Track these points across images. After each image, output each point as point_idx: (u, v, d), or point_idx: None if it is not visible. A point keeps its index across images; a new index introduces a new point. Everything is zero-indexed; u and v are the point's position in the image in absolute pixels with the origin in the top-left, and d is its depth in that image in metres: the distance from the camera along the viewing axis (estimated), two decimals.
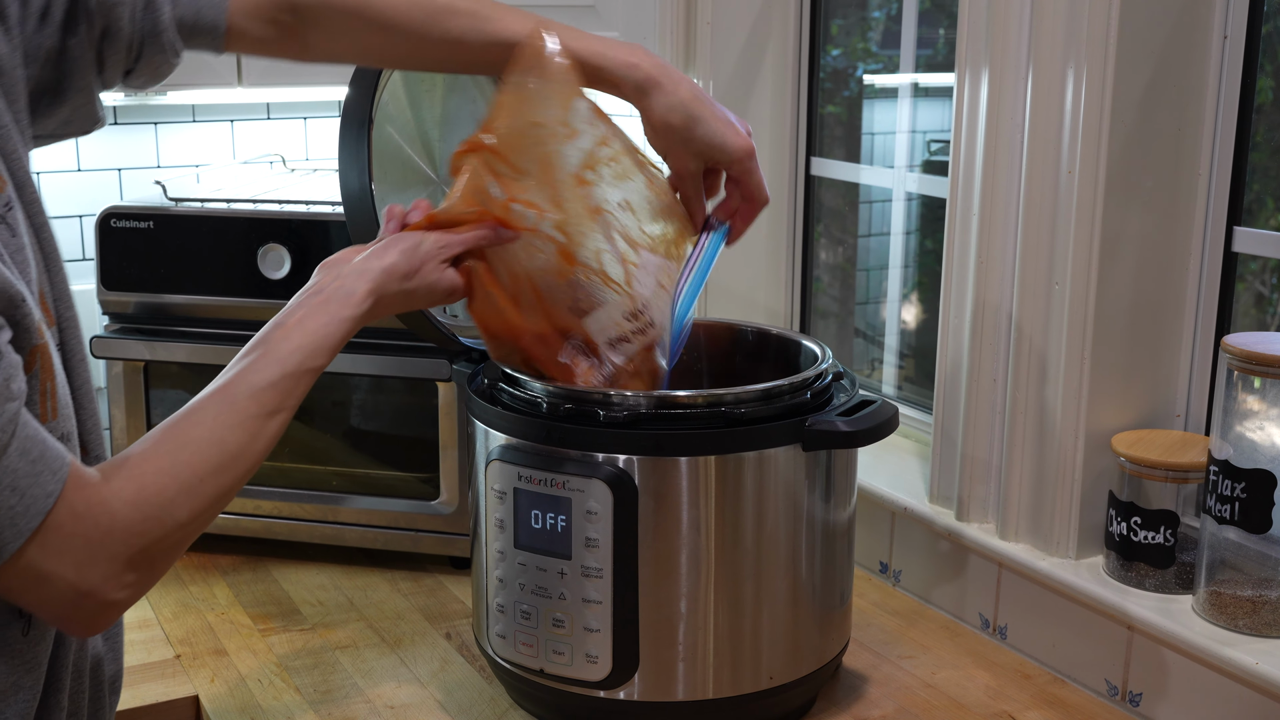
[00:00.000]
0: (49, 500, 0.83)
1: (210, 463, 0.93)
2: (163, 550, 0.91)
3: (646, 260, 1.25)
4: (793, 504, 1.30)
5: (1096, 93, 1.39)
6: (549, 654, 1.29)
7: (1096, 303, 1.43)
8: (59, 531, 0.84)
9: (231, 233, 1.71)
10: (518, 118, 1.18)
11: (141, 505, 0.89)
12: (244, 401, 0.97)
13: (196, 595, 1.68)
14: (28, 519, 0.83)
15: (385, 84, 1.41)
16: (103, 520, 0.87)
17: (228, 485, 0.94)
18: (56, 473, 0.84)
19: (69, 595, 0.87)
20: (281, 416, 0.99)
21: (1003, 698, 1.44)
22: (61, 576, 0.86)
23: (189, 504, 0.91)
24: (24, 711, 0.92)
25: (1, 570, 0.84)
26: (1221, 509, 1.32)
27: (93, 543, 0.86)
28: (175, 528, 0.91)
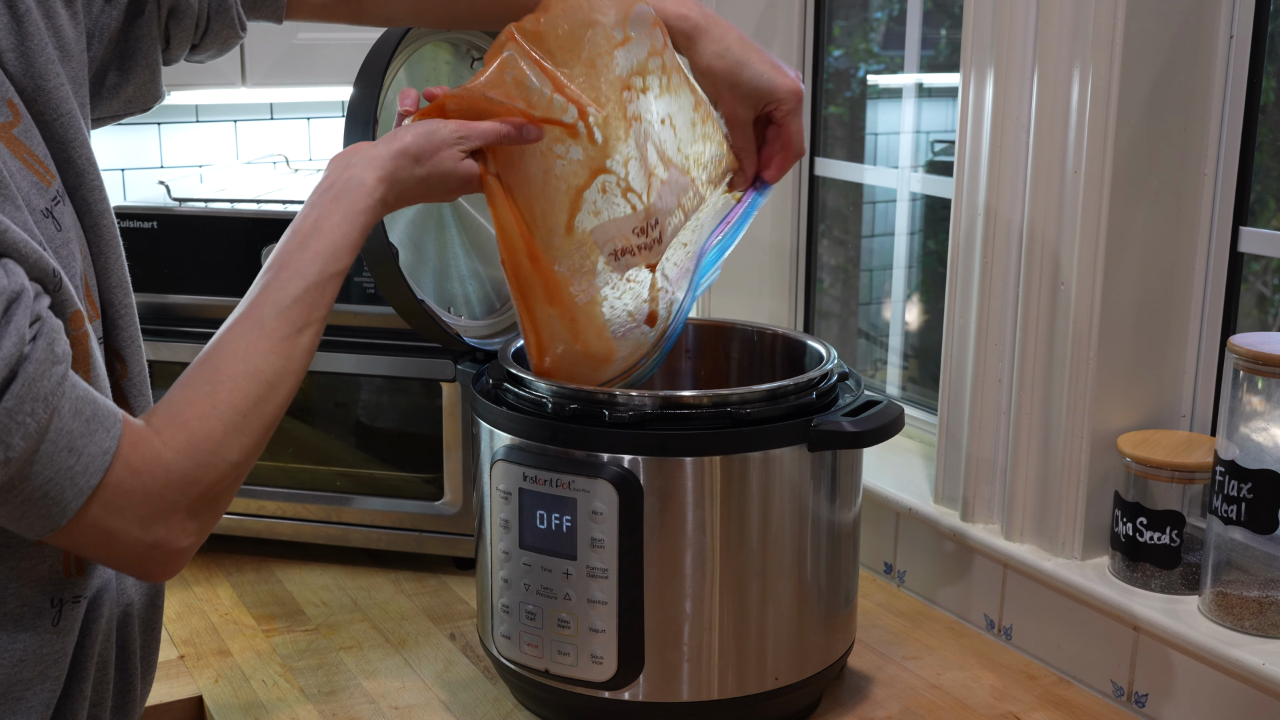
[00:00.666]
0: (106, 458, 0.85)
1: (250, 396, 0.93)
2: (221, 490, 0.92)
3: (674, 178, 1.23)
4: (798, 504, 1.30)
5: (1102, 92, 1.38)
6: (554, 654, 1.29)
7: (1102, 303, 1.43)
8: (119, 488, 0.86)
9: (235, 233, 1.71)
10: (574, 11, 1.14)
11: (193, 453, 0.90)
12: (271, 324, 0.95)
13: (200, 596, 1.68)
14: (87, 477, 0.84)
15: (390, 83, 1.41)
16: (159, 473, 0.88)
17: (271, 413, 0.94)
18: (110, 430, 0.85)
19: (138, 548, 0.88)
20: (312, 330, 0.97)
21: (1008, 699, 1.44)
22: (127, 531, 0.87)
23: (238, 442, 0.92)
24: (46, 701, 0.92)
25: (69, 529, 0.85)
26: (1227, 510, 1.32)
27: (153, 495, 0.87)
28: (229, 468, 0.91)
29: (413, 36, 1.40)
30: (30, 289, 0.82)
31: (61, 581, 0.93)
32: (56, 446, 0.82)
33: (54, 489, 0.83)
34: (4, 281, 0.80)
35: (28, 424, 0.80)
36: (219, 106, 2.09)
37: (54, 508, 0.83)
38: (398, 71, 1.45)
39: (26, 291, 0.81)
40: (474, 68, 1.54)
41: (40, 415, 0.81)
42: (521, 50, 1.12)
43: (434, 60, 1.51)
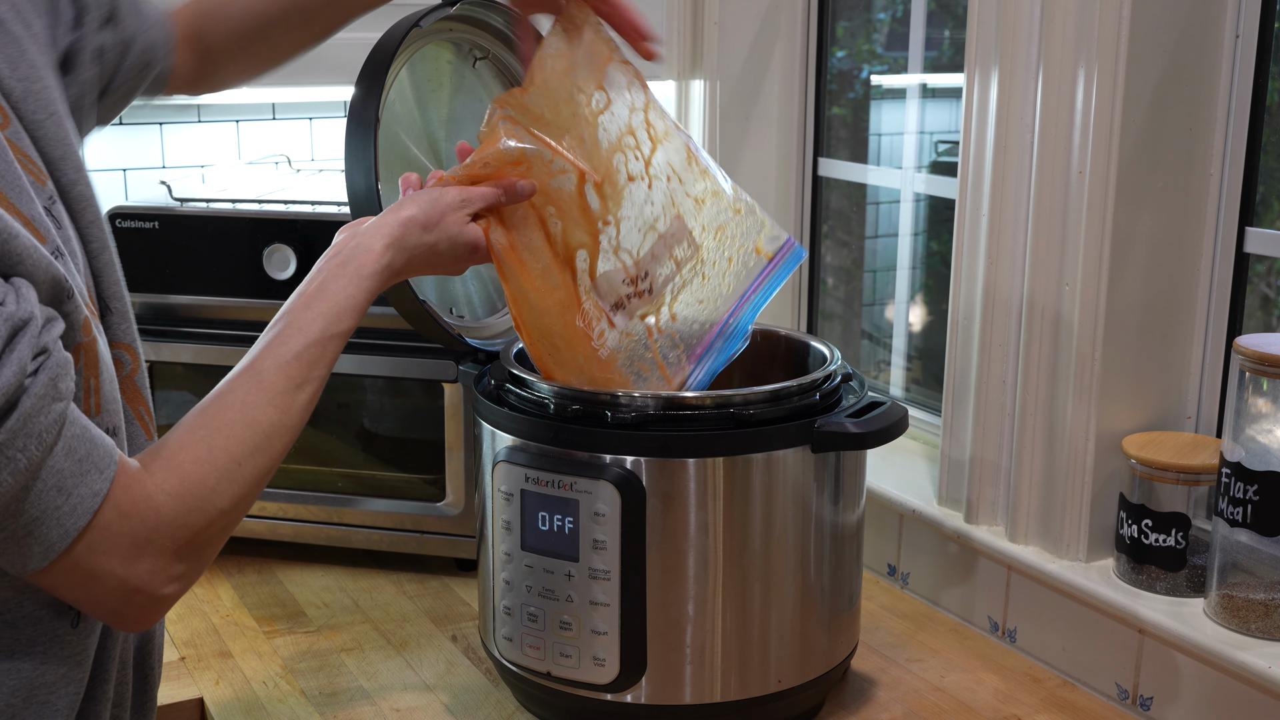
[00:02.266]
0: (96, 500, 0.83)
1: (246, 445, 0.92)
2: (208, 538, 0.90)
3: (673, 229, 1.26)
4: (801, 506, 1.29)
5: (1107, 92, 1.38)
6: (556, 657, 1.28)
7: (1107, 304, 1.42)
8: (106, 530, 0.84)
9: (237, 233, 1.70)
10: (555, 85, 1.18)
11: (184, 497, 0.88)
12: (271, 377, 0.95)
13: (201, 597, 1.67)
14: (74, 519, 0.82)
15: (392, 83, 1.41)
16: (149, 516, 0.86)
17: (265, 465, 0.93)
18: (104, 471, 0.84)
19: (119, 592, 0.86)
20: (311, 388, 0.97)
21: (1012, 701, 1.43)
22: (110, 573, 0.85)
23: (230, 490, 0.90)
24: (71, 703, 0.92)
25: (50, 569, 0.83)
26: (1233, 511, 1.32)
27: (139, 539, 0.86)
28: (218, 515, 0.90)
29: (414, 36, 1.40)
30: (39, 317, 0.80)
31: None
32: (46, 485, 0.80)
33: (39, 528, 0.81)
34: (12, 307, 0.78)
35: (18, 460, 0.78)
36: (221, 106, 2.08)
37: (37, 546, 0.82)
38: (399, 71, 1.45)
39: (34, 320, 0.79)
40: (476, 68, 1.53)
41: (33, 452, 0.79)
42: (512, 121, 1.16)
43: (436, 60, 1.51)
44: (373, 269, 1.04)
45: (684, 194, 1.27)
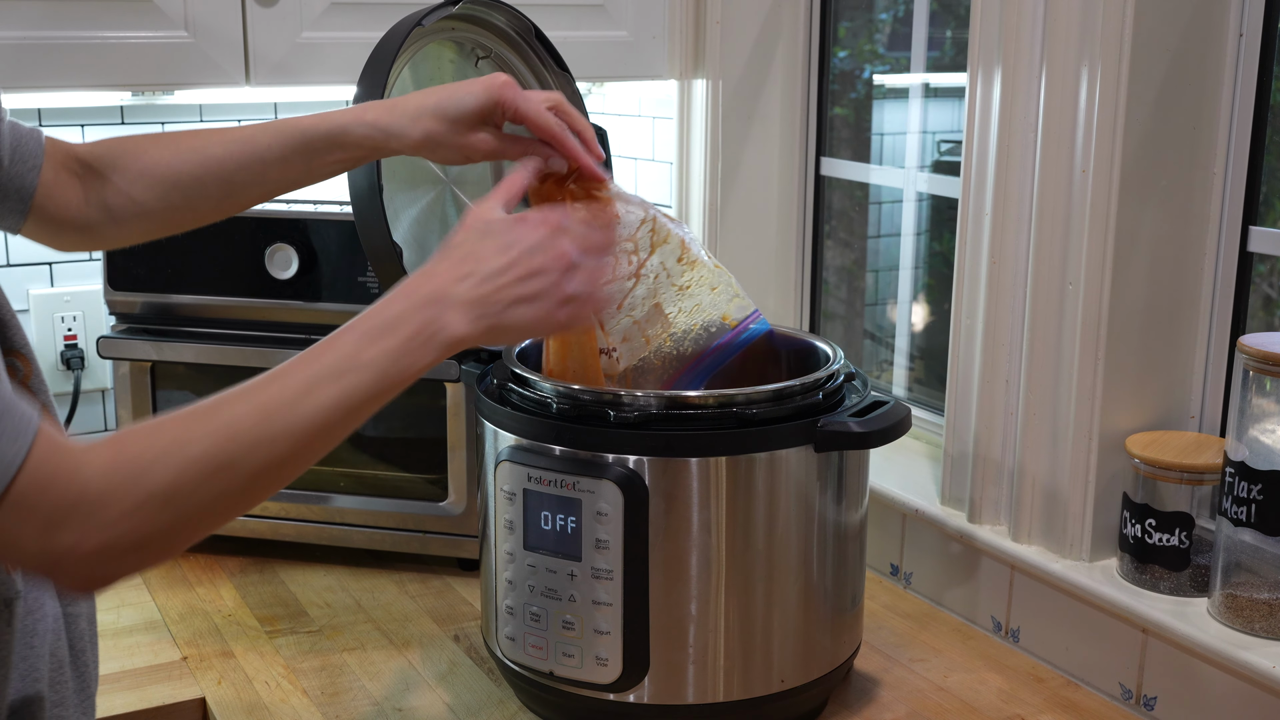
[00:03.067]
0: (9, 469, 0.78)
1: (201, 435, 0.85)
2: (145, 524, 0.82)
3: (647, 315, 1.34)
4: (804, 505, 1.29)
5: (1111, 91, 1.38)
6: (558, 656, 1.28)
7: (1110, 303, 1.42)
8: (21, 502, 0.79)
9: (239, 232, 1.70)
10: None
11: (113, 473, 0.82)
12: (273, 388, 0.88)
13: (203, 597, 1.67)
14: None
15: (394, 83, 1.40)
16: (71, 489, 0.81)
17: (221, 471, 0.85)
18: (17, 440, 0.79)
19: (41, 561, 0.82)
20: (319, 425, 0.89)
21: (1015, 701, 1.43)
22: (26, 543, 0.80)
23: (165, 473, 0.83)
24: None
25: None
26: (1237, 511, 1.31)
27: (58, 512, 0.80)
28: (148, 498, 0.82)
29: (417, 35, 1.40)
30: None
31: (5, 578, 0.91)
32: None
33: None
34: None
35: None
36: (223, 106, 2.08)
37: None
38: (402, 70, 1.45)
39: None
40: (478, 67, 1.53)
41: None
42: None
43: (438, 59, 1.51)
44: (429, 361, 0.95)
45: (669, 284, 1.34)
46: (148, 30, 1.61)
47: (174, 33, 1.62)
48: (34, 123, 1.95)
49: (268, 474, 0.87)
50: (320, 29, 1.70)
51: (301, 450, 0.89)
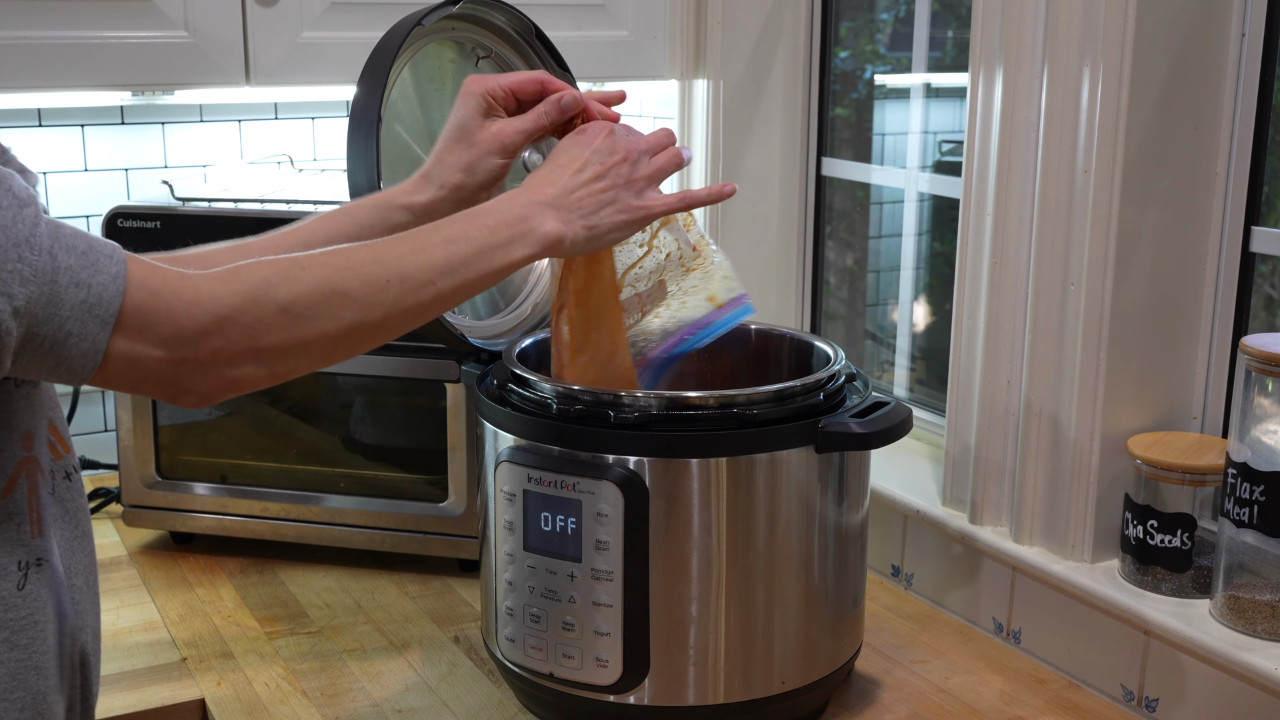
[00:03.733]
0: (118, 282, 0.85)
1: (319, 260, 0.93)
2: (267, 332, 0.90)
3: (651, 291, 1.37)
4: (805, 506, 1.29)
5: (1113, 91, 1.37)
6: (558, 658, 1.28)
7: (1112, 303, 1.41)
8: (139, 311, 0.85)
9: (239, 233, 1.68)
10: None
11: (231, 280, 0.89)
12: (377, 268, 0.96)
13: (203, 598, 1.67)
14: (104, 305, 0.84)
15: (394, 82, 1.40)
16: (185, 292, 0.87)
17: (334, 302, 0.93)
18: (112, 256, 0.85)
19: (163, 371, 0.88)
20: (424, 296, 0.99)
21: (1017, 703, 1.42)
22: (148, 355, 0.87)
23: (287, 286, 0.90)
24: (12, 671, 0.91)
25: (102, 364, 0.85)
26: (1239, 512, 1.31)
27: (177, 314, 0.86)
28: (275, 309, 0.90)
29: (417, 35, 1.39)
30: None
31: (28, 543, 0.92)
32: (58, 285, 0.82)
33: (74, 325, 0.83)
34: None
35: (21, 270, 0.80)
36: (223, 106, 2.08)
37: (83, 343, 0.84)
38: (402, 70, 1.44)
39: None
40: (479, 66, 1.53)
41: (30, 259, 0.81)
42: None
43: (438, 59, 1.51)
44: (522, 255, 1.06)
45: (678, 265, 1.37)
46: (148, 30, 1.61)
47: (174, 33, 1.62)
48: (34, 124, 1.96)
49: (375, 312, 0.95)
50: (320, 29, 1.70)
51: (406, 297, 0.97)
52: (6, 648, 0.90)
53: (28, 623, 0.91)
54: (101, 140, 2.01)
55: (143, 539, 1.84)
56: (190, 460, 1.77)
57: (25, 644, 0.91)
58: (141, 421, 1.75)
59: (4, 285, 0.80)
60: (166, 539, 1.83)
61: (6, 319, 0.81)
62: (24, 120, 1.95)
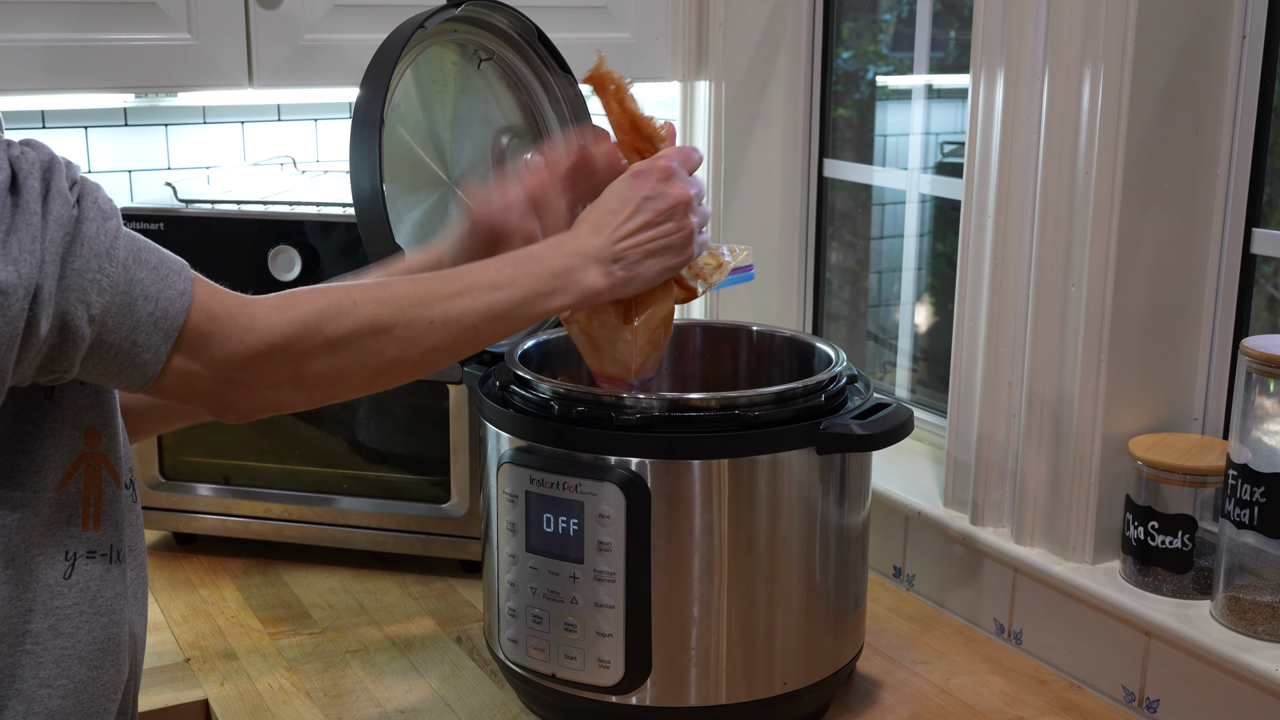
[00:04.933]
0: (184, 299, 0.89)
1: (369, 295, 0.97)
2: (312, 362, 0.94)
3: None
4: (807, 508, 1.29)
5: (1114, 93, 1.37)
6: (561, 658, 1.28)
7: (1113, 305, 1.42)
8: (197, 331, 0.90)
9: (242, 234, 1.70)
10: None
11: (285, 310, 0.93)
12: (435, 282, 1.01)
13: (206, 599, 1.67)
14: (169, 320, 0.89)
15: (397, 84, 1.41)
16: (242, 319, 0.92)
17: (380, 340, 0.97)
18: (181, 273, 0.90)
19: (211, 386, 0.92)
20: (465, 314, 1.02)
21: (1018, 704, 1.43)
22: (200, 371, 0.91)
23: (337, 321, 0.95)
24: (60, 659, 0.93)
25: (159, 376, 0.90)
26: (1240, 513, 1.31)
27: (231, 338, 0.91)
28: (323, 342, 0.94)
29: (420, 37, 1.40)
30: (60, 159, 0.86)
31: (80, 535, 0.94)
32: (131, 296, 0.87)
33: (141, 336, 0.88)
34: (33, 154, 0.85)
35: (100, 280, 0.85)
36: (226, 108, 2.08)
37: (146, 354, 0.88)
38: (404, 72, 1.45)
39: (57, 159, 0.86)
40: (481, 69, 1.53)
41: (109, 269, 0.85)
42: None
43: (441, 61, 1.51)
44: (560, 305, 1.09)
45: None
46: (151, 33, 1.61)
47: (177, 35, 1.63)
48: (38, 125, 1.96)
49: (415, 351, 1.00)
50: (323, 31, 1.70)
51: (446, 339, 1.01)
52: (52, 634, 0.93)
53: (73, 612, 0.94)
54: (105, 142, 2.01)
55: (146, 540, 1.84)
56: (193, 461, 1.77)
57: (70, 633, 0.94)
58: None
59: (83, 294, 0.84)
60: (170, 540, 1.84)
61: (83, 325, 0.85)
62: (28, 122, 1.95)
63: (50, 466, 0.92)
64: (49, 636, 0.92)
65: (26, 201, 0.83)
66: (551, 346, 1.49)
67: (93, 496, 0.95)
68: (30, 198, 0.83)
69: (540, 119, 1.58)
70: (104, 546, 0.96)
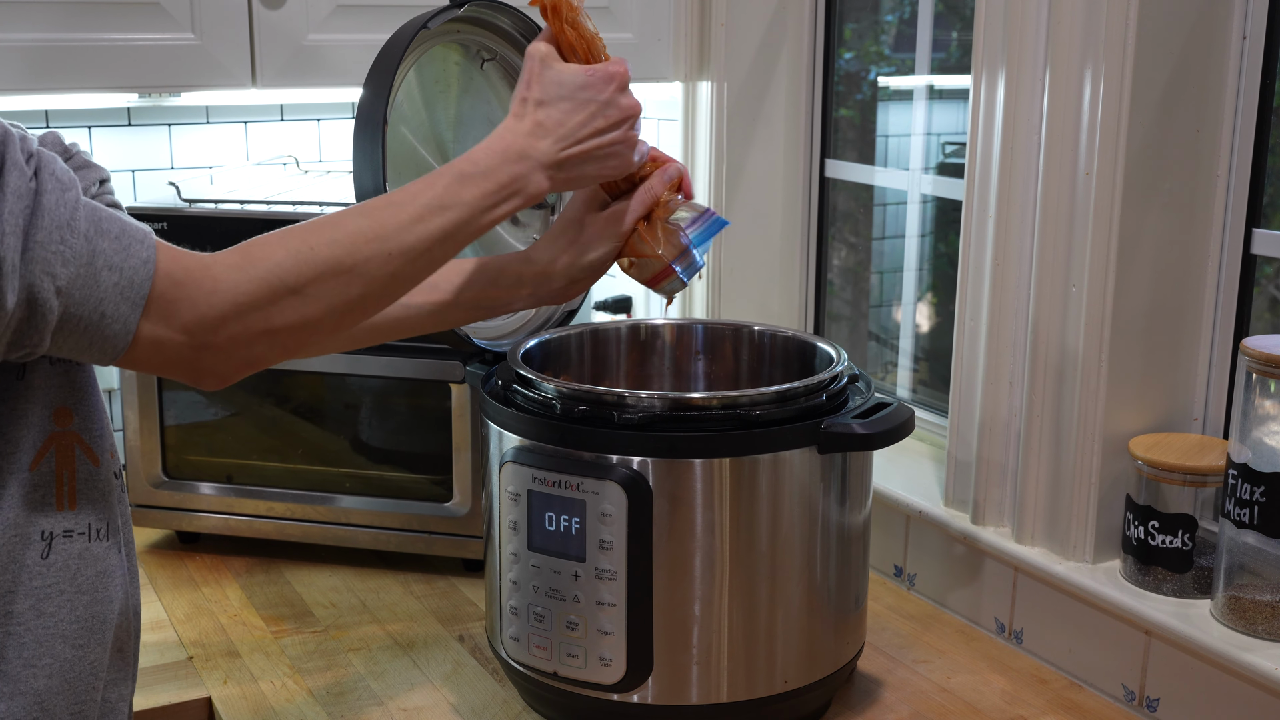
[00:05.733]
0: (148, 267, 0.88)
1: (324, 236, 0.96)
2: (280, 314, 0.93)
3: None
4: (808, 507, 1.29)
5: (1115, 94, 1.38)
6: (562, 657, 1.29)
7: (1114, 305, 1.42)
8: (163, 298, 0.89)
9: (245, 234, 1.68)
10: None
11: (245, 267, 0.92)
12: (378, 205, 1.00)
13: (209, 597, 1.68)
14: (135, 288, 0.87)
15: (400, 84, 1.41)
16: (205, 282, 0.90)
17: (343, 281, 0.95)
18: (143, 240, 0.89)
19: (184, 353, 0.91)
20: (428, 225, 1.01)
21: (1019, 702, 1.43)
22: (170, 339, 0.90)
23: (298, 269, 0.93)
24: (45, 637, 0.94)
25: (131, 346, 0.89)
26: (1240, 513, 1.31)
27: (198, 303, 0.90)
28: (284, 290, 0.93)
29: (422, 38, 1.40)
30: (15, 131, 0.85)
31: (54, 515, 0.94)
32: (95, 267, 0.86)
33: (109, 306, 0.87)
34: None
35: (63, 251, 0.84)
36: (229, 108, 2.09)
37: (115, 324, 0.87)
38: (407, 73, 1.45)
39: (11, 134, 0.85)
40: (484, 69, 1.54)
41: (71, 241, 0.85)
42: None
43: (444, 61, 1.51)
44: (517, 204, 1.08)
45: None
46: (155, 33, 1.61)
47: (181, 35, 1.63)
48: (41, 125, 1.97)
49: (377, 285, 0.98)
50: (326, 31, 1.71)
51: (406, 268, 1.00)
52: (33, 615, 0.93)
53: (53, 591, 0.94)
54: (108, 141, 2.02)
55: (149, 538, 1.85)
56: (196, 460, 1.78)
57: (52, 612, 0.94)
58: (148, 421, 1.76)
59: (48, 265, 0.84)
60: (173, 538, 1.84)
61: (50, 297, 0.84)
62: (31, 121, 1.96)
63: (23, 448, 0.93)
64: (31, 617, 0.93)
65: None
66: (554, 346, 1.50)
67: (65, 476, 0.96)
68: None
69: None
70: (81, 525, 0.97)
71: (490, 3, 1.46)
